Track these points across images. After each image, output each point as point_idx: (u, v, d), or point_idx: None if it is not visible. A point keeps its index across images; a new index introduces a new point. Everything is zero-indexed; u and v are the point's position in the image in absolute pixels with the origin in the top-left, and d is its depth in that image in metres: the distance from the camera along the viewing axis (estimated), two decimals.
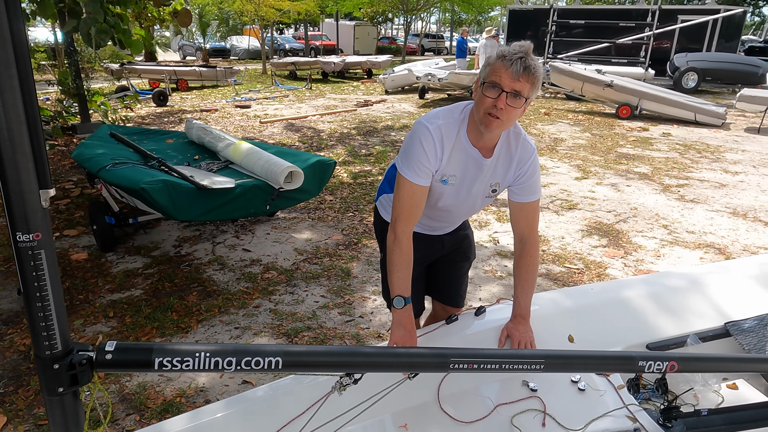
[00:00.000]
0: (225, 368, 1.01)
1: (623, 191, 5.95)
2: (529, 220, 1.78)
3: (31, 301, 0.88)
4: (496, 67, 1.51)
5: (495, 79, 1.50)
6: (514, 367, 1.19)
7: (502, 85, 1.49)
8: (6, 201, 0.83)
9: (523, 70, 1.47)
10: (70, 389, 0.94)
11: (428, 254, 2.07)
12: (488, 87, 1.52)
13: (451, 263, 2.18)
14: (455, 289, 2.23)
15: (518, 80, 1.48)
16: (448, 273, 2.20)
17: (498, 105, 1.51)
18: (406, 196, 1.66)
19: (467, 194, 1.79)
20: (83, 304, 3.39)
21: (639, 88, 10.85)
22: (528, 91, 1.51)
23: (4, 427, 2.31)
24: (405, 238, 1.67)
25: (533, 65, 1.49)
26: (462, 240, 2.13)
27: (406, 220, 1.68)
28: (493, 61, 1.52)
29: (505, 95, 1.49)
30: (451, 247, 2.10)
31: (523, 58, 1.48)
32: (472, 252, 2.21)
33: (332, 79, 18.69)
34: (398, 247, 1.66)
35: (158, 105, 11.78)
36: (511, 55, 1.49)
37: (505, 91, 1.49)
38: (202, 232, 4.65)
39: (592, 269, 3.97)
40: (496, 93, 1.50)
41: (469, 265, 2.25)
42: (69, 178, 6.12)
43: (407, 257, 1.67)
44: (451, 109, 1.69)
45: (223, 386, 2.61)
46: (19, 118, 0.80)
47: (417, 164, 1.63)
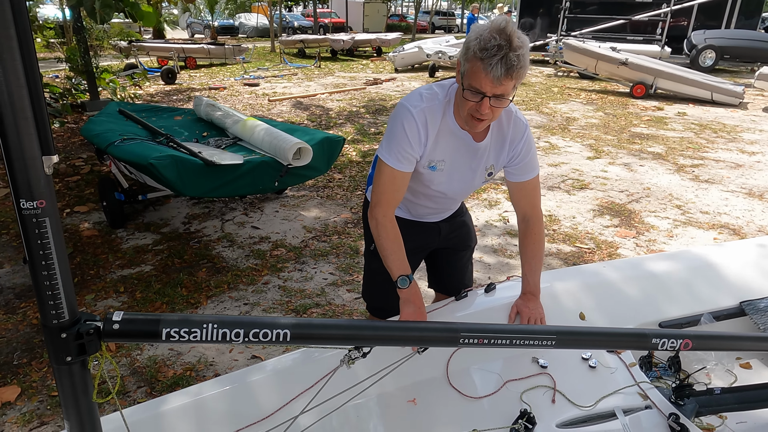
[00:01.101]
0: (233, 340, 1.00)
1: (636, 171, 5.86)
2: (530, 198, 1.72)
3: (36, 270, 0.87)
4: (475, 69, 1.36)
5: (475, 84, 1.37)
6: (524, 342, 1.17)
7: (483, 91, 1.37)
8: (8, 168, 0.81)
9: (504, 73, 1.32)
10: (78, 358, 0.93)
11: (425, 243, 1.97)
12: (469, 92, 1.40)
13: (451, 253, 2.07)
14: (459, 279, 2.11)
15: (501, 84, 1.34)
16: (450, 264, 2.10)
17: (481, 110, 1.41)
18: (387, 182, 1.58)
19: (461, 179, 1.70)
20: (94, 279, 3.42)
21: (654, 66, 10.61)
22: (513, 87, 1.39)
23: (18, 397, 2.35)
24: (387, 221, 1.60)
25: (516, 59, 1.32)
26: (459, 227, 2.01)
27: (387, 205, 1.60)
28: (471, 57, 1.36)
29: (488, 99, 1.38)
30: (448, 234, 1.98)
31: (503, 58, 1.31)
32: (472, 239, 2.09)
33: (341, 57, 18.47)
34: (383, 231, 1.59)
35: (167, 83, 11.73)
36: (490, 53, 1.31)
37: (488, 96, 1.38)
38: (211, 209, 4.65)
39: (603, 249, 3.93)
40: (478, 98, 1.39)
41: (471, 252, 2.13)
42: (79, 155, 6.13)
43: (395, 237, 1.60)
44: (435, 90, 1.58)
45: (232, 361, 2.63)
46: (18, 81, 0.78)
47: (399, 150, 1.54)
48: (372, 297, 2.05)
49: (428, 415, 1.43)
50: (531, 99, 10.42)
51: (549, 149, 6.72)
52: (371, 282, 2.03)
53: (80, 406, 0.97)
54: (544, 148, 6.75)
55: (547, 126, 7.99)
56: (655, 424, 1.37)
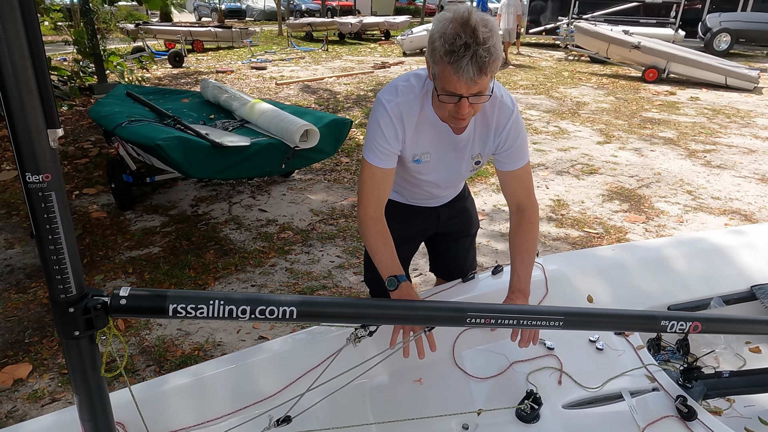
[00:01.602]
0: (239, 317, 1.00)
1: (647, 156, 5.79)
2: (524, 187, 1.61)
3: (43, 244, 0.87)
4: (446, 73, 1.26)
5: (449, 88, 1.29)
6: (532, 323, 1.16)
7: (459, 93, 1.29)
8: (14, 141, 0.80)
9: (477, 72, 1.23)
10: (86, 333, 0.94)
11: (424, 228, 1.93)
12: (444, 96, 1.32)
13: (452, 239, 2.03)
14: (460, 265, 2.05)
15: (475, 83, 1.25)
16: (450, 250, 2.06)
17: (461, 111, 1.33)
18: (367, 178, 1.53)
19: (448, 169, 1.65)
20: (103, 260, 3.45)
21: (667, 50, 10.41)
22: (489, 81, 1.31)
23: (30, 374, 2.39)
24: (369, 220, 1.54)
25: (486, 54, 1.21)
26: (460, 212, 1.95)
27: (368, 202, 1.54)
28: (439, 60, 1.26)
29: (466, 99, 1.30)
30: (448, 220, 1.93)
31: (473, 57, 1.21)
32: (473, 225, 2.04)
33: (349, 40, 18.30)
34: (367, 230, 1.53)
35: (174, 66, 11.69)
36: (458, 55, 1.21)
37: (465, 96, 1.30)
38: (219, 192, 4.66)
39: (612, 234, 3.90)
40: (454, 100, 1.31)
41: (472, 238, 2.08)
42: (87, 138, 6.15)
43: (382, 237, 1.53)
44: (412, 82, 1.49)
45: (239, 341, 2.65)
46: (22, 52, 0.77)
47: (376, 146, 1.49)
48: (373, 281, 2.02)
49: (434, 395, 1.44)
50: (540, 83, 10.29)
51: (558, 134, 6.65)
52: (371, 266, 2.00)
53: (89, 380, 0.98)
54: (553, 133, 6.68)
55: (556, 110, 7.90)
56: (662, 406, 1.36)
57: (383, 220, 1.55)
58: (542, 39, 17.37)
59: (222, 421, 1.32)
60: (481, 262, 3.48)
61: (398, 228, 1.84)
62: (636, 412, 1.34)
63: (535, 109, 7.92)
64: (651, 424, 1.30)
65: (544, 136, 6.51)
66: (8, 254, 3.47)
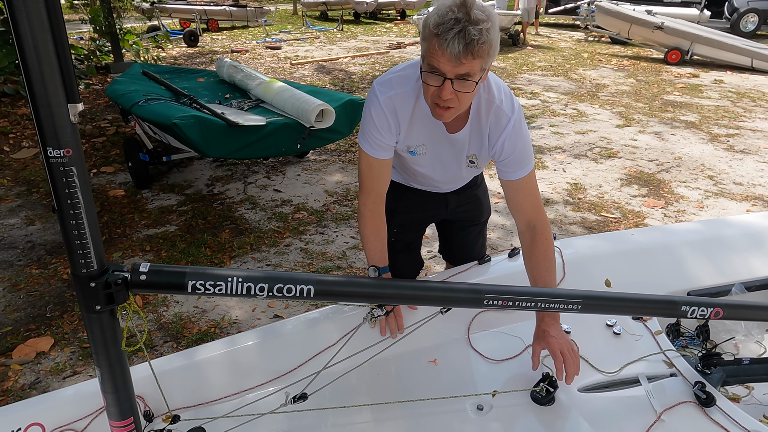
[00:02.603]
0: (257, 294, 1.01)
1: (667, 140, 5.67)
2: (531, 199, 1.49)
3: (65, 219, 0.87)
4: (432, 47, 1.20)
5: (433, 63, 1.21)
6: (550, 305, 1.15)
7: (443, 71, 1.21)
8: (35, 115, 0.80)
9: (463, 49, 1.15)
10: (107, 307, 0.95)
11: (432, 213, 1.89)
12: (428, 74, 1.24)
13: (461, 227, 1.99)
14: (468, 253, 2.00)
15: (461, 62, 1.18)
16: (459, 238, 2.02)
17: (443, 96, 1.24)
18: (365, 168, 1.52)
19: (443, 164, 1.59)
20: (121, 237, 3.50)
21: (692, 30, 10.11)
22: (479, 67, 1.22)
23: (51, 348, 2.45)
24: (367, 211, 1.53)
25: (476, 33, 1.15)
26: (470, 200, 1.89)
27: (368, 192, 1.53)
28: (428, 34, 1.20)
29: (450, 82, 1.22)
30: (456, 207, 1.87)
31: (461, 31, 1.14)
32: (483, 213, 1.98)
33: (364, 20, 18.07)
34: (363, 221, 1.54)
35: (189, 45, 11.67)
36: (446, 27, 1.15)
37: (449, 78, 1.22)
38: (234, 171, 4.68)
39: (629, 218, 3.84)
40: (438, 81, 1.23)
41: (482, 226, 2.04)
42: (104, 117, 6.20)
43: (376, 230, 1.54)
44: (407, 73, 1.43)
45: (255, 320, 2.69)
46: (42, 24, 0.77)
47: (370, 137, 1.46)
48: None
49: (449, 375, 1.44)
50: (559, 65, 10.09)
51: (577, 116, 6.53)
52: None
53: (110, 354, 1.00)
54: (571, 116, 6.56)
55: (575, 93, 7.75)
56: (680, 392, 1.35)
57: (382, 213, 1.55)
58: (562, 19, 16.98)
59: (239, 397, 1.34)
60: (498, 244, 3.46)
61: (404, 212, 1.84)
62: (653, 397, 1.33)
63: (553, 91, 7.78)
64: (668, 409, 1.29)
65: (561, 119, 6.40)
66: (29, 230, 3.53)
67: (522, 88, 7.97)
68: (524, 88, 7.97)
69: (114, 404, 1.04)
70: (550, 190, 4.32)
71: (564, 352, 1.33)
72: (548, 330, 1.37)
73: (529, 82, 8.49)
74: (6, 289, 2.90)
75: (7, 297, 2.83)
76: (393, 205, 1.83)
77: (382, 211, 1.56)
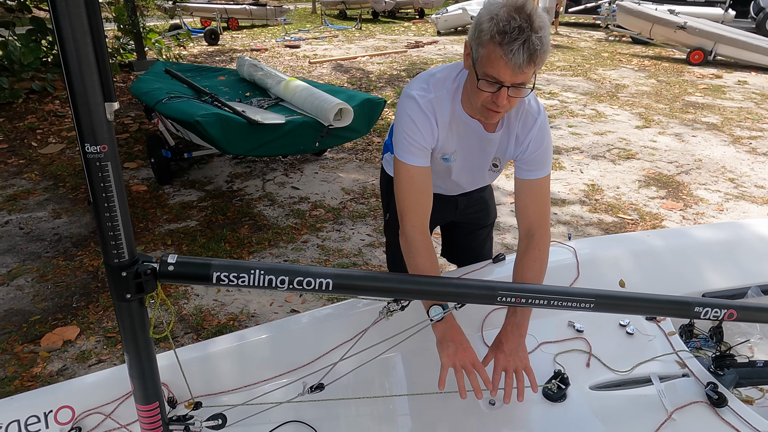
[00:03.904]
0: (278, 286, 1.05)
1: (688, 142, 5.59)
2: (539, 205, 1.45)
3: (100, 211, 0.93)
4: (493, 56, 1.17)
5: (492, 73, 1.20)
6: (563, 304, 1.17)
7: (501, 80, 1.20)
8: (74, 113, 0.86)
9: (527, 59, 1.15)
10: (137, 296, 1.00)
11: (442, 215, 1.88)
12: (485, 82, 1.22)
13: (469, 231, 2.00)
14: (476, 256, 2.00)
15: (522, 72, 1.17)
16: (467, 242, 2.03)
17: (498, 102, 1.24)
18: (406, 182, 1.39)
19: (471, 170, 1.60)
20: (143, 231, 3.59)
21: (715, 30, 9.93)
22: (531, 76, 1.22)
23: (77, 336, 2.54)
24: (417, 234, 1.38)
25: (539, 43, 1.14)
26: (478, 201, 1.89)
27: (413, 211, 1.39)
28: (487, 41, 1.17)
29: (506, 90, 1.21)
30: (465, 209, 1.88)
31: (526, 42, 1.13)
32: (491, 215, 2.00)
33: (383, 19, 18.10)
34: (413, 248, 1.37)
35: (210, 44, 11.83)
36: (510, 37, 1.13)
37: (506, 86, 1.21)
38: (253, 169, 4.75)
39: (647, 220, 3.82)
40: (494, 88, 1.22)
41: (489, 228, 2.04)
42: (128, 114, 6.33)
43: (428, 256, 1.36)
44: (441, 77, 1.41)
45: (272, 313, 2.74)
46: (83, 28, 0.81)
47: (410, 142, 1.38)
48: (396, 270, 2.01)
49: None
50: (579, 64, 10.00)
51: (595, 117, 6.48)
52: (392, 255, 2.01)
53: (138, 341, 1.05)
54: (590, 116, 6.51)
55: (594, 93, 7.68)
56: (691, 392, 1.36)
57: (429, 235, 1.41)
58: (582, 18, 16.79)
59: (258, 386, 1.38)
60: (514, 245, 3.47)
61: None
62: (664, 397, 1.34)
63: (572, 92, 7.72)
64: (679, 408, 1.30)
65: (580, 119, 6.36)
66: (56, 223, 3.64)
67: (540, 88, 7.92)
68: (543, 88, 7.92)
69: (141, 389, 1.10)
70: (567, 191, 4.31)
71: (508, 371, 1.28)
72: (504, 342, 1.32)
73: (547, 82, 8.43)
74: (34, 279, 3.00)
75: (36, 287, 2.93)
76: None
77: (428, 231, 1.41)
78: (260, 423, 1.27)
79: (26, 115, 6.05)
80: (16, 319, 2.66)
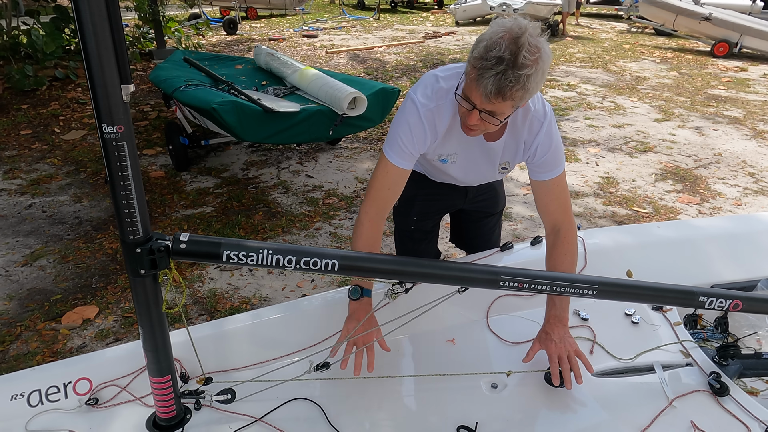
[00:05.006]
0: (285, 266, 1.08)
1: (708, 135, 5.50)
2: (560, 202, 1.49)
3: (116, 190, 0.97)
4: (470, 78, 1.20)
5: (468, 93, 1.23)
6: (565, 290, 1.18)
7: (473, 102, 1.23)
8: (92, 94, 0.90)
9: (494, 92, 1.15)
10: (150, 272, 1.05)
11: (451, 203, 1.92)
12: (461, 97, 1.27)
13: (476, 220, 2.03)
14: (483, 244, 2.02)
15: (490, 101, 1.19)
16: (476, 229, 2.06)
17: (468, 121, 1.28)
18: (381, 174, 1.45)
19: (474, 170, 1.62)
20: (161, 216, 3.67)
21: (742, 22, 9.69)
22: (509, 107, 1.23)
23: (96, 316, 2.62)
24: (367, 220, 1.44)
25: (513, 79, 1.13)
26: (487, 190, 1.90)
27: (374, 200, 1.45)
28: (471, 61, 1.20)
29: (478, 112, 1.24)
30: (475, 197, 1.90)
31: (500, 74, 1.13)
32: (500, 203, 2.02)
33: (401, 9, 17.99)
34: (359, 230, 1.44)
35: (228, 33, 11.91)
36: (487, 65, 1.14)
37: (477, 109, 1.24)
38: (268, 157, 4.81)
39: (662, 214, 3.78)
40: (468, 106, 1.26)
41: (498, 216, 2.07)
42: (147, 102, 6.43)
43: (370, 244, 1.43)
44: (445, 87, 1.42)
45: (284, 298, 2.80)
46: (102, 13, 0.85)
47: (400, 145, 1.41)
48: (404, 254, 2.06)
49: (466, 354, 1.49)
50: (598, 56, 9.85)
51: (614, 110, 6.40)
52: (400, 240, 2.06)
53: (152, 315, 1.10)
54: (608, 108, 6.43)
55: (613, 85, 7.57)
56: (694, 381, 1.37)
57: (380, 226, 1.47)
58: (604, 9, 16.49)
59: (268, 364, 1.43)
60: (525, 235, 3.47)
61: (424, 200, 1.88)
62: (666, 384, 1.35)
63: (591, 84, 7.62)
64: (680, 396, 1.31)
65: (597, 112, 6.28)
66: (77, 207, 3.74)
67: (558, 80, 7.83)
68: (561, 80, 7.83)
69: (154, 362, 1.15)
70: (582, 183, 4.28)
71: (562, 357, 1.33)
72: (551, 333, 1.38)
73: (566, 73, 8.33)
74: (56, 260, 3.10)
75: (57, 268, 3.03)
76: (413, 192, 1.88)
77: (381, 226, 1.47)
78: (268, 399, 1.31)
79: (49, 102, 6.19)
80: (39, 298, 2.76)
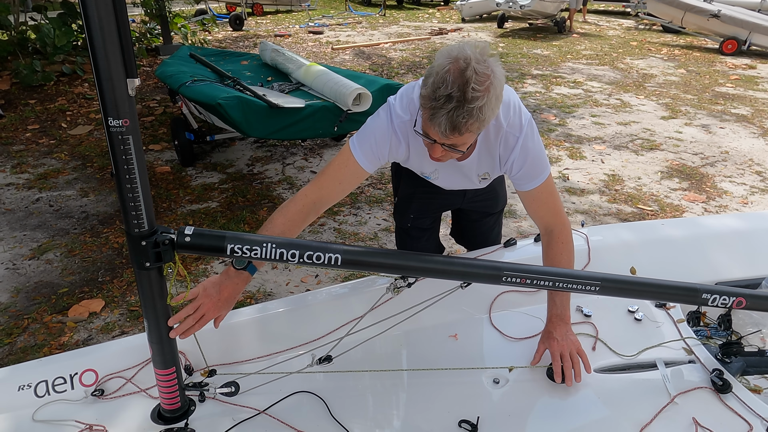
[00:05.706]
0: (288, 260, 1.09)
1: (715, 133, 5.46)
2: (549, 206, 1.48)
3: (121, 182, 0.98)
4: (424, 117, 1.21)
5: (425, 128, 1.25)
6: (568, 286, 1.18)
7: (432, 138, 1.24)
8: (98, 88, 0.90)
9: (449, 129, 1.16)
10: (156, 265, 1.06)
11: (449, 202, 1.94)
12: (420, 134, 1.28)
13: (475, 219, 2.04)
14: (483, 241, 2.04)
15: (447, 138, 1.20)
16: (475, 228, 2.08)
17: (434, 154, 1.29)
18: (340, 164, 1.42)
19: (458, 184, 1.68)
20: (166, 212, 3.69)
21: (751, 19, 9.60)
22: (469, 139, 1.24)
23: (102, 309, 2.64)
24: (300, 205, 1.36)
25: (466, 115, 1.13)
26: (486, 191, 1.87)
27: (318, 189, 1.40)
28: (421, 98, 1.20)
29: (440, 146, 1.25)
30: (474, 197, 1.91)
31: (451, 112, 1.13)
32: (500, 203, 2.02)
33: (407, 5, 17.95)
34: (284, 208, 1.36)
35: (234, 29, 11.91)
36: (437, 105, 1.14)
37: (438, 143, 1.25)
38: (273, 153, 4.82)
39: (667, 212, 3.76)
40: (429, 141, 1.27)
41: (498, 215, 2.08)
42: (153, 97, 6.46)
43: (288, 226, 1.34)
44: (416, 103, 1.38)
45: (288, 293, 2.81)
46: (108, 7, 0.86)
47: (369, 146, 1.41)
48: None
49: (468, 350, 1.50)
50: (605, 53, 9.79)
51: (620, 107, 6.36)
52: (400, 237, 2.08)
53: (157, 307, 1.11)
54: (614, 106, 6.40)
55: (620, 82, 7.53)
56: (696, 378, 1.37)
57: (308, 218, 1.39)
58: (612, 6, 16.38)
59: (272, 358, 1.44)
60: (529, 232, 3.47)
61: (421, 197, 1.90)
62: (668, 381, 1.35)
63: (597, 81, 7.58)
64: (682, 393, 1.31)
65: (604, 109, 6.26)
66: (84, 202, 3.77)
67: (564, 77, 7.79)
68: (567, 77, 7.80)
69: (159, 353, 1.16)
70: (587, 181, 4.27)
71: (564, 354, 1.35)
72: (553, 331, 1.40)
73: (572, 70, 8.29)
74: (63, 254, 3.13)
75: (64, 261, 3.05)
76: (412, 190, 1.90)
77: (309, 218, 1.40)
78: (271, 392, 1.32)
79: (57, 97, 6.22)
80: (46, 291, 2.78)
